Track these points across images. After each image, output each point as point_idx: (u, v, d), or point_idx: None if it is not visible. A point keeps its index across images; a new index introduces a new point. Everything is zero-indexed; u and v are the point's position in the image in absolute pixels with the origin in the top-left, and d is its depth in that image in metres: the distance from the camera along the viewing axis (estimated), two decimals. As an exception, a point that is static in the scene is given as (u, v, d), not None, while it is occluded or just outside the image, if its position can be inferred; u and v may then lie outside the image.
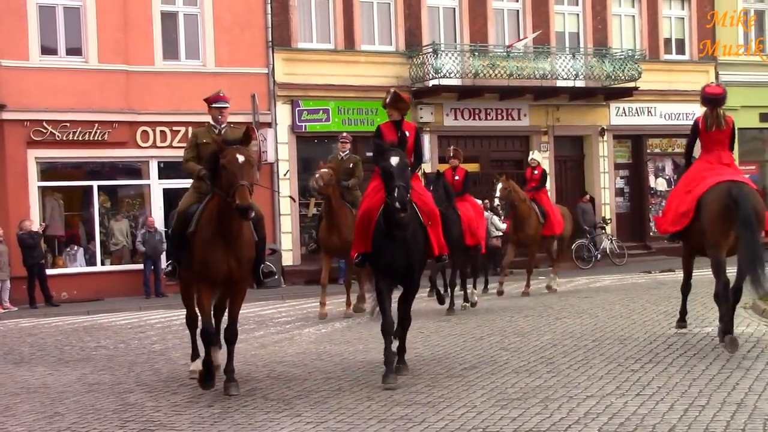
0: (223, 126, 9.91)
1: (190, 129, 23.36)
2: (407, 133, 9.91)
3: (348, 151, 16.71)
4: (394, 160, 9.25)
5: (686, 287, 11.55)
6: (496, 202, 18.90)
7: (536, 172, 19.13)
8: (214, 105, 9.97)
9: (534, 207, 18.53)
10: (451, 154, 17.33)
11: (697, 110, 29.19)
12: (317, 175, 15.83)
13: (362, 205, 9.96)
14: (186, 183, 23.81)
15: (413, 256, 9.58)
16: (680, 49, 30.35)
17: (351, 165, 16.42)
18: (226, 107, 10.01)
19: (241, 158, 8.69)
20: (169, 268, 9.87)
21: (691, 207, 10.44)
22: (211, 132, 9.87)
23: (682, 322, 11.70)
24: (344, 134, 17.52)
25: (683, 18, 30.39)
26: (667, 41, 30.11)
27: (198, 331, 9.89)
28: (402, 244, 9.45)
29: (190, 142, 10.12)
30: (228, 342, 9.28)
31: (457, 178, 16.82)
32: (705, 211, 10.23)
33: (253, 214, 8.86)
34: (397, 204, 9.03)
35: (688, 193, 10.61)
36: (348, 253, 15.56)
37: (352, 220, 15.16)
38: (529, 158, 19.99)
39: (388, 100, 9.96)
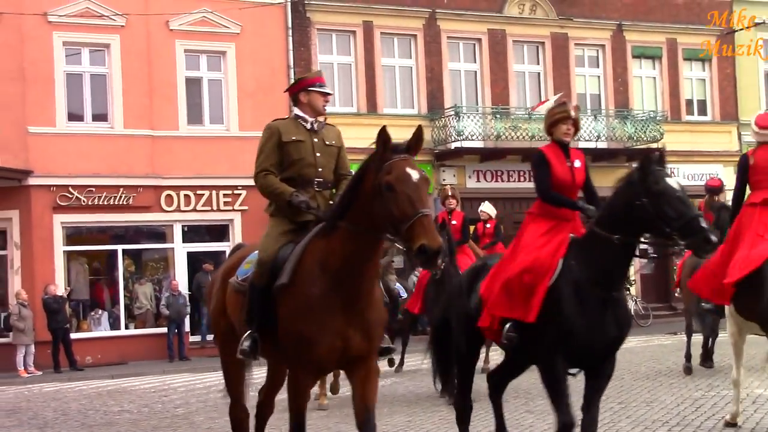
0: (317, 120, 6.93)
1: (214, 192, 23.71)
2: (578, 163, 7.45)
3: None
4: (674, 182, 6.52)
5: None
6: None
7: (489, 225, 16.53)
8: (312, 88, 6.90)
9: None
10: (449, 194, 14.53)
11: (720, 170, 29.38)
12: None
13: (525, 257, 6.98)
14: (213, 246, 24.53)
15: (626, 327, 7.00)
16: (702, 110, 30.41)
17: None
18: (331, 94, 7.19)
19: (415, 174, 5.78)
20: (247, 342, 6.42)
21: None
22: (301, 127, 6.86)
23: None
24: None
25: (704, 79, 30.49)
26: (689, 102, 30.19)
27: None
28: (615, 310, 6.80)
29: (267, 140, 6.78)
30: None
31: (454, 223, 14.12)
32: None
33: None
34: (714, 237, 6.32)
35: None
36: None
37: None
38: (479, 210, 16.77)
39: (572, 113, 7.35)
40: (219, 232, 24.58)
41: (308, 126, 6.84)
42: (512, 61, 27.67)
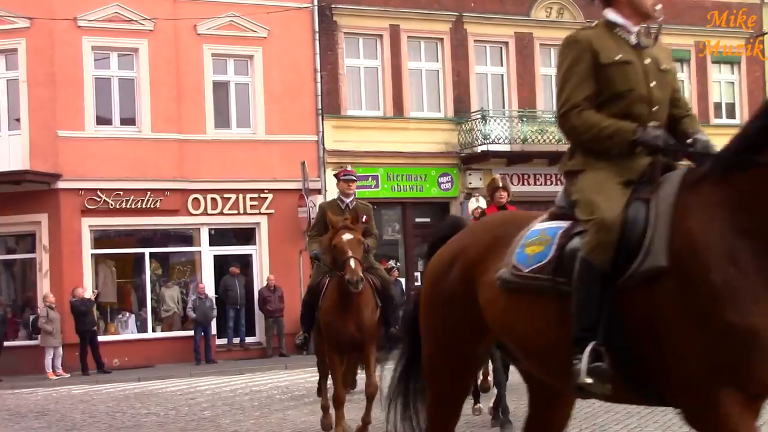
0: (642, 31, 4.69)
1: (241, 196, 23.80)
2: None
3: (353, 197, 10.36)
4: None
5: None
6: None
7: None
8: None
9: None
10: (499, 185, 11.19)
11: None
12: (352, 266, 8.98)
13: None
14: (240, 250, 24.65)
15: None
16: (731, 114, 30.20)
17: (363, 218, 9.91)
18: None
19: None
20: (594, 365, 3.98)
21: None
22: (622, 42, 4.72)
23: None
24: (349, 168, 11.26)
25: (733, 82, 30.29)
26: (718, 105, 29.99)
27: None
28: None
29: (577, 60, 4.74)
30: None
31: None
32: None
33: None
34: None
35: None
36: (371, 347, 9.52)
37: (373, 296, 9.55)
38: (472, 208, 12.71)
39: None
40: (245, 235, 24.65)
41: (633, 40, 4.56)
42: (539, 64, 27.57)
